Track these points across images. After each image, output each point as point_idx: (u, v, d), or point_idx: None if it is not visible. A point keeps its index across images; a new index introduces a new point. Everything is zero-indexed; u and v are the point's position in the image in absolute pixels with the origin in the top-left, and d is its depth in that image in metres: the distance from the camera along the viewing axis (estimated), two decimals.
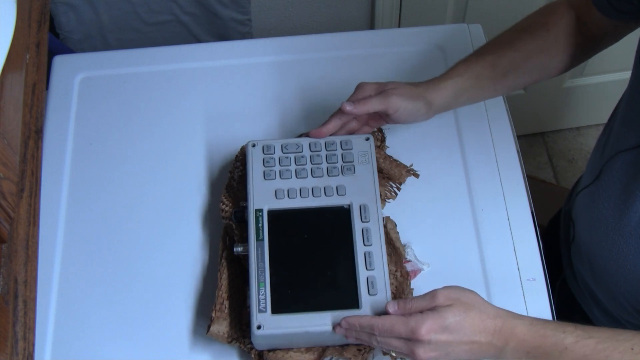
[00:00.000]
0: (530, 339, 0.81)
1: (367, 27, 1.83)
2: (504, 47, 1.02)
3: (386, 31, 1.53)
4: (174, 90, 1.19)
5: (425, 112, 1.00)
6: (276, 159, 0.99)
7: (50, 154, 1.12)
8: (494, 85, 1.03)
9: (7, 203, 0.79)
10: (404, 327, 0.82)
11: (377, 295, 0.90)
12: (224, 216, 1.02)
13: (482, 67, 1.01)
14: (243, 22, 1.70)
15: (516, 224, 1.05)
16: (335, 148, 0.99)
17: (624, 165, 0.92)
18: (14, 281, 0.84)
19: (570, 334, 0.80)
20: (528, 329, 0.81)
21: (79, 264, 1.04)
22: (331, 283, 0.92)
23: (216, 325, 0.93)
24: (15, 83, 0.87)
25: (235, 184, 1.04)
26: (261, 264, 0.91)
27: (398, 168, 1.07)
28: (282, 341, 0.91)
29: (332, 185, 0.97)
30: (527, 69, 1.02)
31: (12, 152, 0.83)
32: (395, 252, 1.00)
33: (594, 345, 0.79)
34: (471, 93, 1.03)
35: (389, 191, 1.06)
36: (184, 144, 1.14)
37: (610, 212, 0.94)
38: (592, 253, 1.00)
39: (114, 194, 1.10)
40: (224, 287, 0.95)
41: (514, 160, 1.12)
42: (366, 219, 0.94)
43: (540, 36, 1.01)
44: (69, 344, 0.98)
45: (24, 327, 0.85)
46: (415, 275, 1.01)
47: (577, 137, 2.16)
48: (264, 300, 0.89)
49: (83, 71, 1.21)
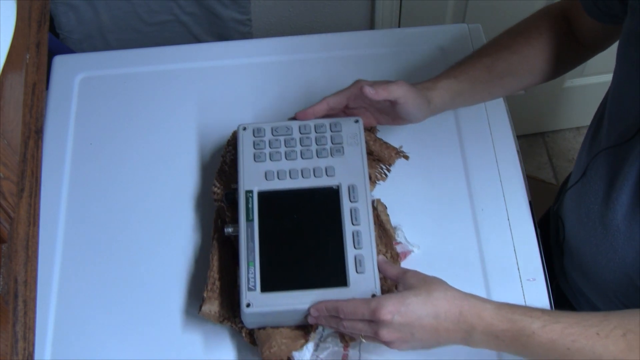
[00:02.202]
0: (497, 322, 0.81)
1: (367, 27, 1.83)
2: (500, 50, 1.02)
3: (386, 31, 1.53)
4: (174, 90, 1.19)
5: (425, 108, 1.00)
6: (266, 141, 1.00)
7: (50, 154, 1.12)
8: (489, 88, 1.03)
9: (7, 203, 0.80)
10: (367, 308, 0.83)
11: (364, 273, 0.91)
12: (216, 199, 1.04)
13: (478, 70, 1.01)
14: (243, 22, 1.70)
15: (516, 224, 1.06)
16: (325, 130, 1.01)
17: (608, 162, 0.93)
18: (14, 281, 0.84)
19: (537, 319, 0.81)
20: (495, 313, 0.81)
21: (79, 264, 1.04)
22: (320, 262, 0.93)
23: (208, 305, 0.95)
24: (15, 83, 0.87)
25: (227, 168, 1.06)
26: (251, 243, 0.93)
27: (388, 150, 1.08)
28: (272, 319, 0.92)
29: (321, 167, 0.98)
30: (523, 72, 1.03)
31: (12, 152, 0.83)
32: (385, 234, 1.01)
33: (560, 330, 0.80)
34: (466, 96, 1.03)
35: (380, 173, 1.07)
36: (184, 143, 1.14)
37: (596, 208, 0.95)
38: (580, 249, 1.02)
39: (114, 194, 1.10)
40: (215, 267, 0.97)
41: (514, 160, 1.12)
42: (355, 199, 0.96)
43: (535, 39, 1.02)
44: (69, 344, 0.98)
45: (24, 327, 0.85)
46: (405, 257, 1.02)
47: (577, 137, 2.16)
48: (254, 279, 0.91)
49: (83, 71, 1.21)
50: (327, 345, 0.93)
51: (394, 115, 1.01)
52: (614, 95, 0.95)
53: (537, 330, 0.80)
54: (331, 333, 0.93)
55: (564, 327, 0.80)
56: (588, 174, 0.97)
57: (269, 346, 0.91)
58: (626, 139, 0.89)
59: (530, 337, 0.80)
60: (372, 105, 1.02)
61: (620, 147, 0.91)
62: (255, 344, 0.94)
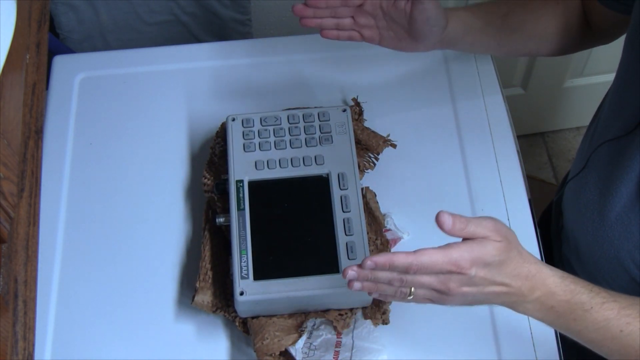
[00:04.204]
0: (560, 292, 0.77)
1: None
2: (518, 5, 1.03)
3: None
4: (174, 90, 1.19)
5: (441, 27, 0.97)
6: (255, 131, 1.02)
7: (50, 154, 1.12)
8: (499, 37, 1.03)
9: (7, 203, 0.80)
10: (448, 259, 0.73)
11: (356, 259, 0.92)
12: (206, 190, 1.04)
13: (494, 15, 1.02)
14: (243, 22, 1.70)
15: (516, 224, 1.05)
16: (313, 120, 1.02)
17: (609, 154, 0.93)
18: (14, 281, 0.84)
19: (597, 295, 0.77)
20: (560, 281, 0.77)
21: (79, 264, 1.04)
22: (312, 249, 0.94)
23: (200, 295, 0.95)
24: (15, 83, 0.87)
25: (216, 159, 1.07)
26: (243, 232, 0.94)
27: (376, 139, 1.08)
28: (265, 307, 0.93)
29: (310, 155, 1.00)
30: (533, 33, 1.03)
31: (12, 152, 0.83)
32: (375, 221, 1.02)
33: (618, 309, 0.77)
34: (478, 35, 1.02)
35: (367, 161, 1.08)
36: (183, 143, 1.14)
37: (595, 199, 0.95)
38: (578, 239, 1.02)
39: (114, 193, 1.10)
40: (207, 258, 0.98)
41: (514, 160, 1.12)
42: (344, 186, 0.97)
43: (551, 6, 1.03)
44: (69, 344, 0.98)
45: (24, 327, 0.86)
46: (395, 244, 1.02)
47: (577, 137, 2.16)
48: (246, 267, 0.92)
49: (83, 71, 1.21)
50: (320, 332, 0.94)
51: (404, 31, 0.97)
52: (616, 87, 0.95)
53: (595, 305, 0.77)
54: (324, 321, 0.94)
55: (621, 307, 0.77)
56: (589, 166, 0.97)
57: (262, 337, 0.92)
58: (627, 132, 0.89)
59: (587, 312, 0.77)
60: (388, 14, 0.97)
61: (621, 139, 0.91)
62: (248, 333, 0.95)
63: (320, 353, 0.92)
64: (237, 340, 0.98)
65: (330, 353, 0.92)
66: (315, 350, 0.93)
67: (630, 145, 0.89)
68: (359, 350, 0.93)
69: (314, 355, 0.92)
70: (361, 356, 0.93)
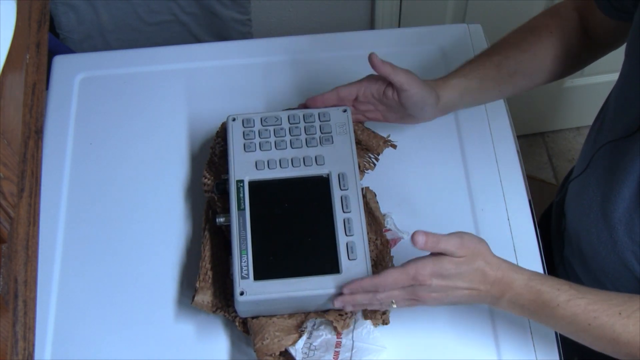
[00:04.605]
0: (526, 293, 0.85)
1: (367, 27, 1.83)
2: (510, 48, 1.03)
3: (386, 31, 1.53)
4: (174, 90, 1.19)
5: (433, 103, 1.00)
6: (256, 131, 1.01)
7: (50, 154, 1.12)
8: (499, 86, 1.03)
9: (7, 203, 0.79)
10: (406, 276, 0.85)
11: (356, 259, 0.92)
12: (206, 190, 1.04)
13: (488, 68, 1.02)
14: (243, 22, 1.70)
15: (516, 224, 1.06)
16: (314, 120, 1.02)
17: (612, 155, 0.94)
18: (14, 281, 0.84)
19: (564, 292, 0.84)
20: (525, 283, 0.85)
21: (79, 264, 1.04)
22: (312, 249, 0.94)
23: (200, 295, 0.95)
24: (15, 83, 0.87)
25: (216, 159, 1.07)
26: (243, 232, 0.94)
27: (376, 139, 1.08)
28: (265, 307, 0.93)
29: (311, 156, 1.00)
30: (533, 70, 1.03)
31: (12, 152, 0.83)
32: (375, 221, 1.02)
33: (584, 305, 0.83)
34: (476, 94, 1.03)
35: (367, 162, 1.08)
36: (183, 142, 1.14)
37: (598, 200, 0.95)
38: (580, 239, 1.02)
39: (114, 193, 1.10)
40: (207, 257, 0.98)
41: (514, 160, 1.12)
42: (345, 186, 0.97)
43: (545, 38, 1.02)
44: (69, 344, 0.98)
45: (24, 327, 0.85)
46: (395, 244, 1.02)
47: (577, 137, 2.16)
48: (247, 267, 0.92)
49: (83, 71, 1.21)
50: (320, 333, 0.94)
51: (401, 112, 1.02)
52: (619, 89, 0.95)
53: (561, 303, 0.83)
54: (324, 321, 0.94)
55: (588, 303, 0.83)
56: (591, 166, 0.97)
57: (262, 337, 0.92)
58: (630, 133, 0.90)
59: (555, 310, 0.83)
60: (381, 102, 1.02)
61: (624, 140, 0.91)
62: (248, 333, 0.95)
63: (320, 353, 0.92)
64: (237, 340, 0.98)
65: (330, 353, 0.92)
66: (315, 350, 0.93)
67: (632, 146, 0.89)
68: (359, 350, 0.93)
69: (314, 356, 0.92)
70: (361, 356, 0.93)
